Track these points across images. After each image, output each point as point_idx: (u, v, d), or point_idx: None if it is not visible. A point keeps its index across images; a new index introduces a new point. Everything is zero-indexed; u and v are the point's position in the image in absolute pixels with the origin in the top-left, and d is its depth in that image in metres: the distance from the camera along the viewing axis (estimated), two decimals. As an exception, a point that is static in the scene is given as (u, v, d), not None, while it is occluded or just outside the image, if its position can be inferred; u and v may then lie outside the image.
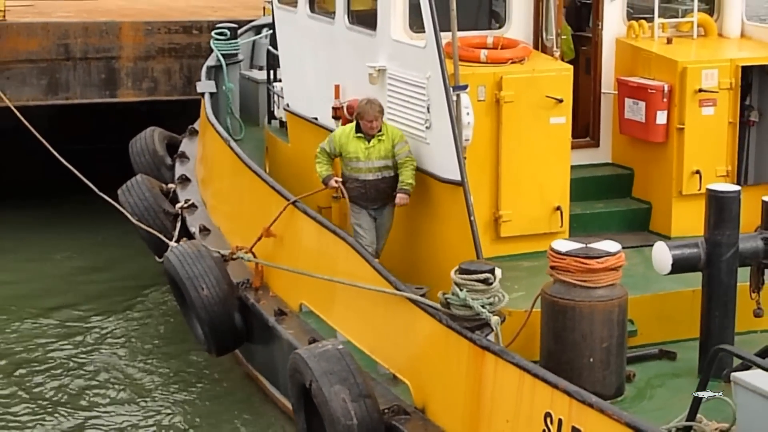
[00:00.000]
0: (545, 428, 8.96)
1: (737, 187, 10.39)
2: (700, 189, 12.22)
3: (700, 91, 12.38)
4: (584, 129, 13.36)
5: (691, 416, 9.15)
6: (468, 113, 11.46)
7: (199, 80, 17.07)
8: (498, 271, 11.18)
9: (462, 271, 10.06)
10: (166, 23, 19.67)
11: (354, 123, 12.03)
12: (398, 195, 11.77)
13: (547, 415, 8.93)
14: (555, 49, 12.41)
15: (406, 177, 11.74)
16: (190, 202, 15.21)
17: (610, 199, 13.01)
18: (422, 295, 10.46)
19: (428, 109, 11.64)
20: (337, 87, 13.20)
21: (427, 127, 11.70)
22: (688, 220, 12.24)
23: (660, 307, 11.16)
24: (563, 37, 12.79)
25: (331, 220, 12.94)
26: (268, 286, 13.02)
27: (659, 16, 13.16)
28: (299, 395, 10.71)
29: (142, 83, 19.52)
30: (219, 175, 15.42)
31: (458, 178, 11.17)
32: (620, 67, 13.06)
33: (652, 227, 12.84)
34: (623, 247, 11.69)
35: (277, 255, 12.85)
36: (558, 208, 12.08)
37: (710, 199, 10.29)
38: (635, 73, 12.85)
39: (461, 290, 9.92)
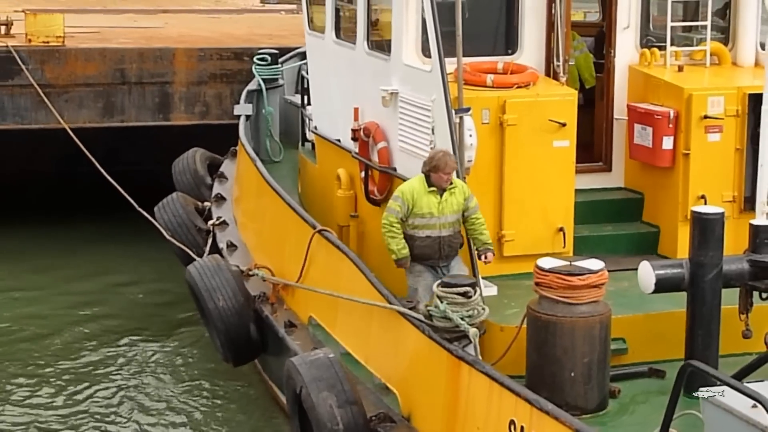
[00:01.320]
0: (510, 435, 9.28)
1: (721, 209, 10.58)
2: None
3: (706, 117, 12.57)
4: (599, 154, 13.64)
5: (664, 431, 9.37)
6: (471, 135, 11.79)
7: (238, 103, 17.64)
8: (493, 289, 11.57)
9: (443, 284, 10.43)
10: (218, 50, 20.37)
11: (421, 177, 11.34)
12: (488, 254, 11.34)
13: (512, 422, 9.22)
14: (562, 75, 12.71)
15: (487, 238, 11.41)
16: (221, 220, 15.69)
17: (620, 223, 13.21)
18: (411, 308, 10.82)
19: (433, 130, 12.00)
20: (356, 110, 13.61)
21: (431, 148, 12.01)
22: None
23: (652, 326, 11.33)
24: (571, 63, 13.08)
25: (350, 238, 13.37)
26: (283, 300, 13.46)
27: (676, 45, 13.40)
28: (293, 401, 11.10)
29: (194, 107, 20.21)
30: (248, 193, 15.93)
31: None
32: (632, 93, 13.28)
33: (660, 251, 12.98)
34: (626, 269, 12.04)
35: (290, 270, 13.29)
36: (561, 229, 12.34)
37: (694, 220, 10.50)
38: (646, 99, 13.05)
39: (442, 303, 10.27)
